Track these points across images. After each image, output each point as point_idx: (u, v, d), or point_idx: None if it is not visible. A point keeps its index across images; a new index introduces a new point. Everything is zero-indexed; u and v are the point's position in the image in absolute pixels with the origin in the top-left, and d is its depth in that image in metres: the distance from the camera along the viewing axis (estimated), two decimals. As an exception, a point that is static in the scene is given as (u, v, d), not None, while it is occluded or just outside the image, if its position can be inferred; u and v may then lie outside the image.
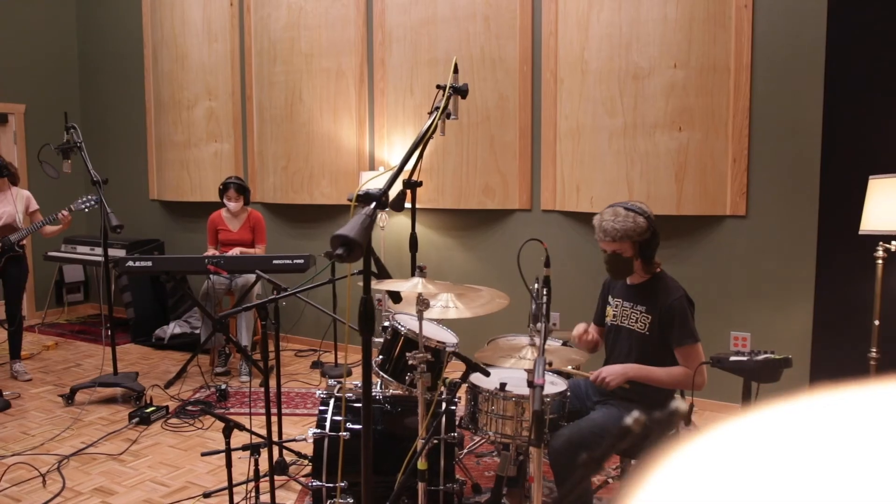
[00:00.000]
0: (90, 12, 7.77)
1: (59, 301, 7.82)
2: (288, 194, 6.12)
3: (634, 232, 2.78)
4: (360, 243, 1.79)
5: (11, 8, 7.34)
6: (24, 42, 7.46)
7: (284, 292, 3.39)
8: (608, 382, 2.74)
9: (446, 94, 2.48)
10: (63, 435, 4.36)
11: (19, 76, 7.44)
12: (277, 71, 6.09)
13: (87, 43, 7.85)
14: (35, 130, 7.57)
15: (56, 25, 7.75)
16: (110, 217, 4.66)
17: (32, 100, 7.56)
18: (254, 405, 4.86)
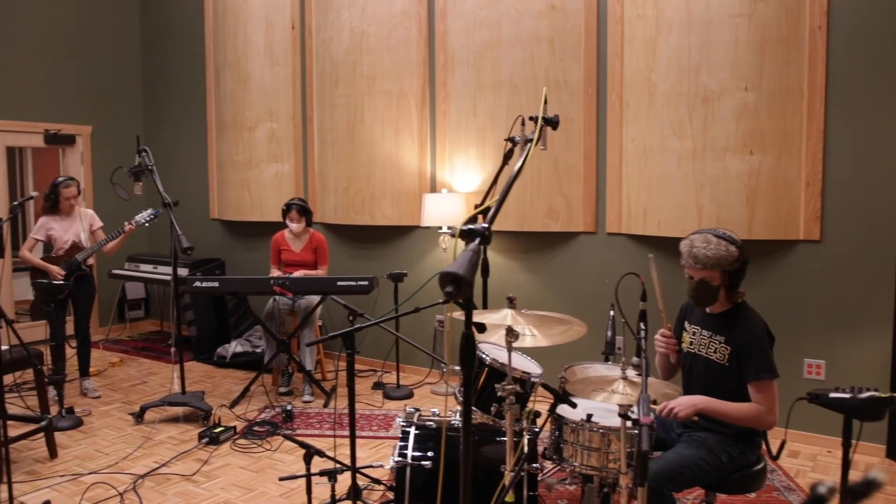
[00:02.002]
0: (154, 36, 7.96)
1: (122, 317, 7.98)
2: (349, 215, 6.17)
3: (726, 261, 2.74)
4: (469, 281, 1.78)
5: (78, 32, 7.55)
6: (90, 65, 7.66)
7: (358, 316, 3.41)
8: (676, 413, 2.68)
9: (538, 125, 2.47)
10: (135, 454, 4.43)
11: (86, 98, 7.64)
12: (339, 93, 6.16)
13: (151, 65, 8.04)
14: (101, 151, 7.76)
15: (121, 49, 7.94)
16: (181, 239, 4.74)
17: (98, 121, 7.75)
18: (319, 426, 4.88)
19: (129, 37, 8.02)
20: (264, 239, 6.98)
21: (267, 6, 6.68)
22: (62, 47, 7.44)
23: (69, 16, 7.47)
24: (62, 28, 7.42)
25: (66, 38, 7.46)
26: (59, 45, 7.41)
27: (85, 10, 7.60)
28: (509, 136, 3.57)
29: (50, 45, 7.34)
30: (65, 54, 7.46)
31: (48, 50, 7.33)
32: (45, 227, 5.41)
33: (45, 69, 7.31)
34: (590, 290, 5.21)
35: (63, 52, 7.45)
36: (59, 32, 7.40)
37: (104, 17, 7.77)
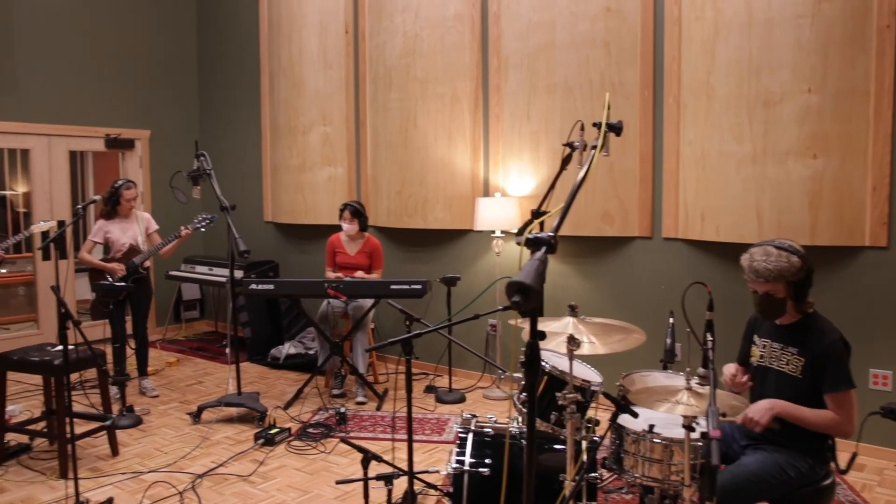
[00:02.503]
0: (211, 43, 8.11)
1: (177, 318, 8.14)
2: (402, 219, 6.19)
3: (788, 272, 2.68)
4: (537, 291, 1.77)
5: (138, 40, 7.73)
6: (150, 72, 7.84)
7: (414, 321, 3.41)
8: (756, 421, 2.63)
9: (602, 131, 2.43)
10: (193, 453, 4.51)
11: (145, 104, 7.82)
12: (392, 97, 6.19)
13: (207, 72, 8.19)
14: (158, 155, 7.94)
15: (179, 56, 8.11)
16: (238, 242, 4.81)
17: (156, 126, 7.93)
18: (372, 429, 4.91)
19: (186, 44, 8.18)
20: (317, 242, 7.05)
21: (321, 12, 6.75)
22: (123, 55, 7.62)
23: (129, 25, 7.65)
24: (123, 36, 7.61)
25: (126, 46, 7.64)
26: (120, 52, 7.60)
27: (144, 19, 7.77)
28: (568, 140, 3.55)
29: (111, 52, 7.53)
30: (125, 61, 7.64)
31: (109, 57, 7.52)
32: (104, 230, 5.54)
33: (106, 76, 7.50)
34: (645, 295, 5.14)
35: (123, 59, 7.63)
36: (119, 41, 7.59)
37: (163, 25, 7.94)
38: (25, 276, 8.36)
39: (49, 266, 7.21)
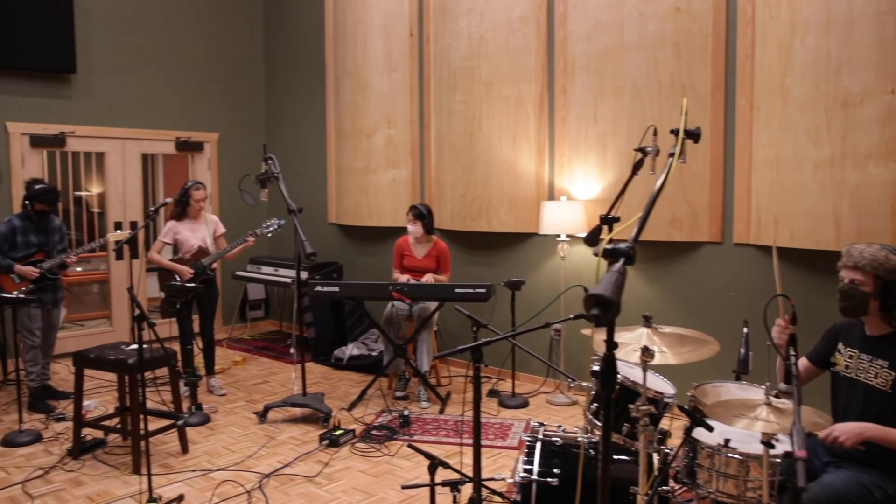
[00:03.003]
0: (277, 47, 8.24)
1: (243, 317, 8.29)
2: (465, 221, 6.18)
3: (882, 266, 2.59)
4: (616, 304, 1.73)
5: (206, 45, 7.90)
6: (218, 76, 8.01)
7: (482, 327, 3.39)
8: (842, 443, 2.53)
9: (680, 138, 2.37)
10: (260, 452, 4.58)
11: (213, 107, 7.99)
12: (457, 100, 6.18)
13: (274, 75, 8.32)
14: (226, 157, 8.10)
15: (246, 60, 8.27)
16: (305, 245, 4.87)
17: (224, 128, 8.09)
18: (436, 433, 4.90)
19: (253, 48, 8.33)
20: (381, 244, 7.10)
21: (386, 15, 6.79)
22: (193, 61, 7.80)
23: (199, 32, 7.83)
24: (193, 43, 7.79)
25: (196, 52, 7.82)
26: (190, 58, 7.78)
27: (213, 26, 7.94)
28: (639, 146, 3.48)
29: (181, 59, 7.71)
30: (195, 67, 7.82)
31: (180, 63, 7.71)
32: (173, 231, 5.67)
33: (177, 81, 7.69)
34: (714, 302, 5.02)
35: (193, 64, 7.81)
36: (189, 47, 7.77)
37: (231, 31, 8.10)
38: (99, 274, 8.63)
39: (121, 265, 7.41)
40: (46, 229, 5.48)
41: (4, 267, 5.26)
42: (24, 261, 5.34)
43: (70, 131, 6.93)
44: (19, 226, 5.35)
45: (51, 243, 5.49)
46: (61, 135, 6.88)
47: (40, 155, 6.87)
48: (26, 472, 4.30)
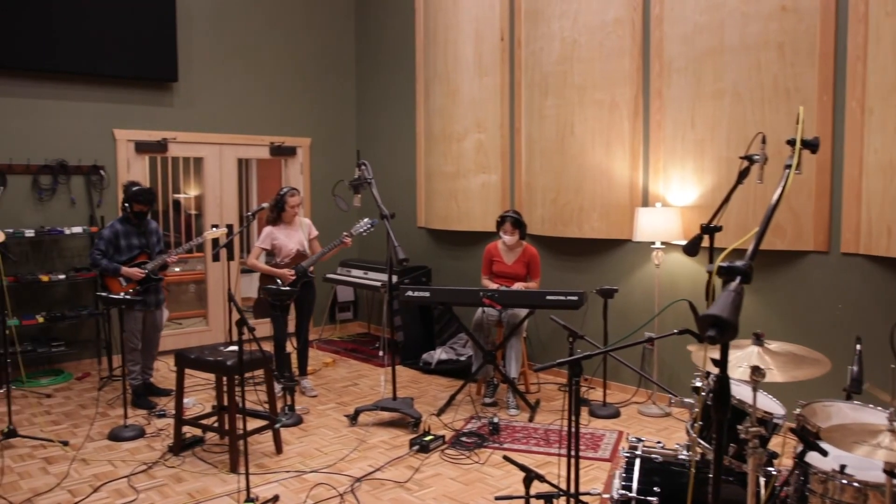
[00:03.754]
0: (368, 53, 8.35)
1: (332, 318, 8.43)
2: (557, 227, 6.11)
3: None
4: (733, 325, 1.65)
5: (299, 52, 8.07)
6: (310, 82, 8.18)
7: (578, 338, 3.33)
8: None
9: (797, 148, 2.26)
10: (351, 455, 4.63)
11: (306, 113, 8.16)
12: (548, 104, 6.11)
13: (365, 81, 8.43)
14: (317, 162, 8.26)
15: (338, 66, 8.41)
16: (397, 250, 4.90)
17: (316, 133, 8.25)
18: (525, 441, 4.85)
19: (345, 55, 8.47)
20: (470, 248, 7.09)
21: (477, 20, 6.78)
22: (286, 67, 7.99)
23: (291, 39, 8.01)
24: (285, 50, 7.98)
25: (289, 59, 8.01)
26: (283, 65, 7.97)
27: (306, 33, 8.12)
28: (746, 153, 3.35)
29: (275, 66, 7.91)
30: (288, 73, 8.01)
31: (274, 70, 7.90)
32: (271, 237, 5.80)
33: (271, 88, 7.89)
34: (819, 314, 4.80)
35: (286, 71, 8.00)
36: (282, 55, 7.96)
37: (323, 38, 8.26)
38: (196, 274, 8.93)
39: (217, 266, 7.65)
40: (146, 232, 5.69)
41: (112, 270, 5.49)
42: (128, 263, 5.55)
43: (171, 137, 7.20)
44: (121, 230, 5.58)
45: (150, 245, 5.71)
46: (163, 141, 7.15)
47: (144, 160, 7.16)
48: (131, 466, 4.47)
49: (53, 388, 6.19)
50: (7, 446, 4.80)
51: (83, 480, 4.26)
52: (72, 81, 6.67)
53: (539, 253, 5.92)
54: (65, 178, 6.66)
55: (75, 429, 5.17)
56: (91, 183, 6.79)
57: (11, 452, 4.70)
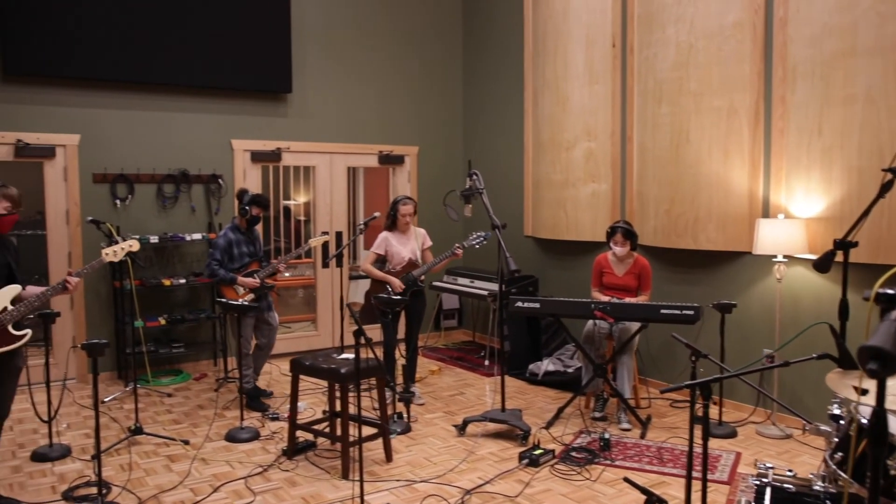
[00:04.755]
0: (475, 62, 8.36)
1: (437, 326, 8.47)
2: (670, 238, 5.93)
3: None
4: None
5: (406, 60, 8.17)
6: (418, 90, 8.26)
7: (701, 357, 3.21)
8: None
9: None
10: (460, 466, 4.61)
11: (414, 121, 8.25)
12: (662, 112, 5.95)
13: (472, 89, 8.45)
14: (424, 170, 8.33)
15: (445, 74, 8.46)
16: (509, 262, 4.86)
17: (424, 142, 8.32)
18: (637, 459, 4.72)
19: (453, 64, 8.51)
20: (578, 258, 6.98)
21: (588, 26, 6.68)
22: (395, 77, 8.11)
23: (399, 49, 8.12)
24: (394, 60, 8.10)
25: (397, 68, 8.12)
26: (392, 75, 8.09)
27: (413, 42, 8.21)
28: (891, 165, 3.15)
29: (384, 76, 8.04)
30: (396, 83, 8.12)
31: (383, 80, 8.03)
32: (385, 242, 5.88)
33: (380, 98, 8.02)
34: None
35: (395, 81, 8.11)
36: (391, 64, 8.08)
37: (431, 47, 8.33)
38: (304, 280, 9.17)
39: (326, 273, 7.82)
40: (253, 239, 5.88)
41: (229, 280, 5.68)
42: (240, 271, 5.74)
43: (285, 147, 7.41)
44: (233, 238, 5.77)
45: (258, 252, 5.90)
46: (277, 150, 7.37)
47: (258, 169, 7.39)
48: (247, 467, 4.60)
49: (173, 388, 6.46)
50: (134, 442, 5.03)
51: (203, 480, 4.41)
52: (194, 95, 6.97)
53: (651, 264, 5.76)
54: (186, 186, 6.96)
55: (195, 428, 5.38)
56: (210, 191, 7.06)
57: (138, 449, 4.93)
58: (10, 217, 3.76)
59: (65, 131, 6.45)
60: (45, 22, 6.17)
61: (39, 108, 6.33)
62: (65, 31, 6.25)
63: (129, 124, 6.71)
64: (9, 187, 3.76)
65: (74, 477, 4.44)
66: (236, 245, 5.76)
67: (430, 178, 8.34)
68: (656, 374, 6.29)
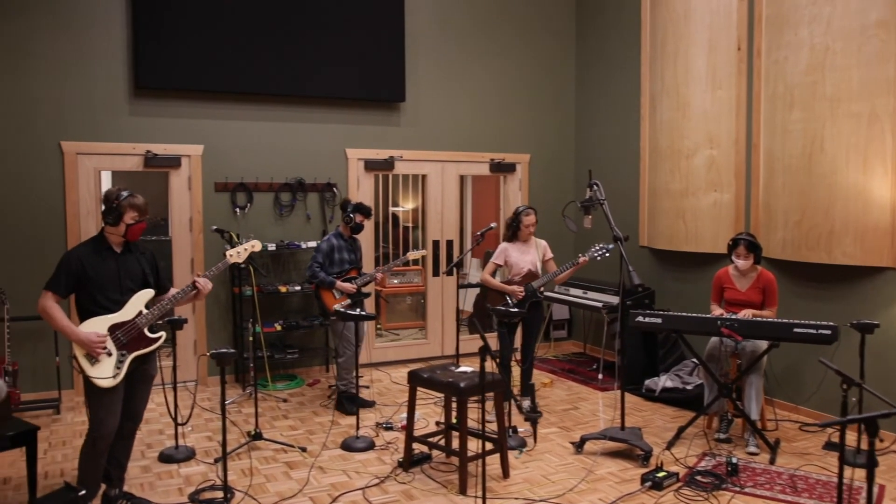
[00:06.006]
0: (588, 66, 8.19)
1: (546, 336, 8.33)
2: (800, 251, 5.60)
3: None
4: None
5: (518, 66, 8.08)
6: (529, 97, 8.16)
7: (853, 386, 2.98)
8: None
9: None
10: (580, 486, 4.47)
11: (526, 129, 8.15)
12: (794, 118, 5.63)
13: (585, 96, 8.28)
14: (535, 178, 8.21)
15: (557, 80, 8.33)
16: (633, 275, 4.72)
17: (535, 150, 8.21)
18: (769, 486, 4.45)
19: (565, 71, 8.37)
20: (697, 270, 6.71)
21: (710, 29, 6.41)
22: (506, 84, 8.04)
23: (511, 55, 8.04)
24: (505, 67, 8.03)
25: (508, 75, 8.05)
26: (503, 82, 8.02)
27: (525, 48, 8.12)
28: None
29: (495, 83, 7.98)
30: (508, 90, 8.05)
31: (494, 88, 7.97)
32: (505, 253, 5.82)
33: (493, 107, 7.97)
34: None
35: (507, 88, 8.04)
36: (502, 71, 8.01)
37: (542, 54, 8.22)
38: (413, 287, 9.19)
39: (437, 281, 7.82)
40: (355, 248, 5.98)
41: (328, 283, 5.81)
42: (339, 277, 5.84)
43: (398, 156, 7.45)
44: (336, 244, 5.91)
45: (359, 261, 5.99)
46: (390, 159, 7.42)
47: (371, 178, 7.46)
48: (364, 478, 4.61)
49: (288, 393, 6.57)
50: (253, 447, 5.13)
51: (322, 489, 4.44)
52: (310, 105, 7.09)
53: (778, 279, 5.46)
54: (302, 195, 7.09)
55: (311, 435, 5.44)
56: (324, 200, 7.17)
57: (258, 454, 5.02)
58: (138, 226, 3.88)
59: (189, 142, 6.68)
60: (174, 39, 6.41)
61: (167, 121, 6.58)
62: (192, 46, 6.47)
63: (248, 134, 6.89)
64: (136, 196, 3.88)
65: (199, 480, 4.56)
66: (338, 251, 5.89)
67: (541, 186, 8.22)
68: (780, 394, 5.97)
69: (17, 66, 6.07)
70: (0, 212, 6.07)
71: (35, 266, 6.06)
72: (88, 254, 3.81)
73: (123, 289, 3.86)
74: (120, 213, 3.81)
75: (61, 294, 3.74)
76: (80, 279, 3.75)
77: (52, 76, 6.18)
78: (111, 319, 3.78)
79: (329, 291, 5.87)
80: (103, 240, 3.88)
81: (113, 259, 3.86)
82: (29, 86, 6.12)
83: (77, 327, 3.72)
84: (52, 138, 6.21)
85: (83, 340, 3.67)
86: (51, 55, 6.17)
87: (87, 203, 6.36)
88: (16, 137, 6.09)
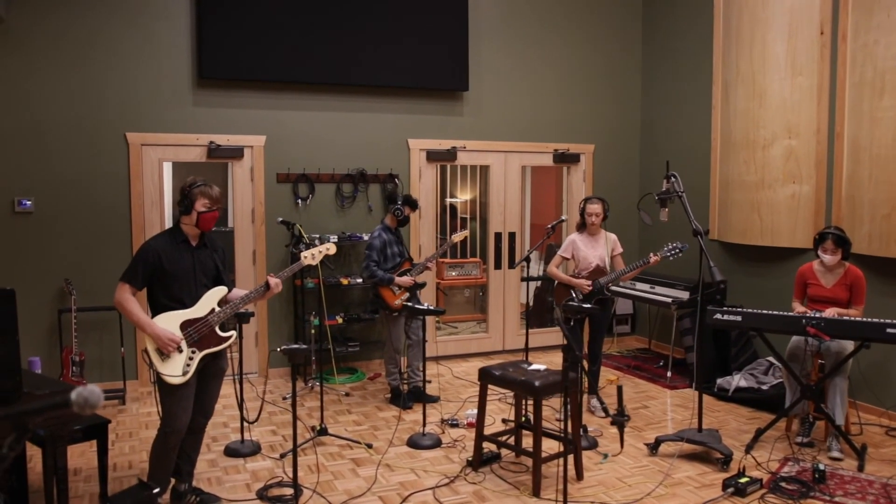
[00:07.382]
0: (656, 56, 7.93)
1: (609, 331, 8.12)
2: (889, 246, 5.32)
3: None
4: None
5: (584, 54, 7.86)
6: (595, 86, 7.93)
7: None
8: None
9: None
10: (658, 491, 4.30)
11: (591, 119, 7.94)
12: (883, 105, 5.33)
13: (652, 85, 8.02)
14: (601, 168, 8.00)
15: (624, 70, 8.09)
16: (714, 271, 4.51)
17: (600, 140, 7.99)
18: (860, 496, 4.21)
19: (631, 60, 8.12)
20: (773, 265, 6.44)
21: (791, 12, 6.11)
22: (570, 73, 7.83)
23: (576, 43, 7.83)
24: (571, 55, 7.82)
25: (574, 64, 7.84)
26: (568, 71, 7.82)
27: (591, 36, 7.90)
28: None
29: (560, 72, 7.78)
30: (573, 80, 7.84)
31: (558, 77, 7.77)
32: (573, 245, 5.64)
33: (557, 96, 7.77)
34: None
35: (571, 77, 7.83)
36: (567, 60, 7.81)
37: (608, 43, 7.99)
38: (470, 279, 9.07)
39: (498, 274, 7.68)
40: (400, 239, 5.91)
41: (387, 280, 5.73)
42: (394, 271, 5.78)
43: (461, 146, 7.31)
44: (387, 238, 5.82)
45: (406, 252, 5.96)
46: (453, 149, 7.28)
47: (434, 168, 7.34)
48: (433, 477, 4.50)
49: (350, 387, 6.51)
50: (319, 443, 5.07)
51: (390, 487, 4.35)
52: (372, 95, 6.99)
53: (865, 276, 5.18)
54: (363, 186, 7.00)
55: (375, 431, 5.36)
56: (386, 191, 7.07)
57: (323, 450, 4.95)
58: (210, 214, 3.81)
59: (252, 133, 6.63)
60: (237, 29, 6.36)
61: (230, 111, 6.55)
62: (254, 37, 6.42)
63: (310, 125, 6.82)
64: (210, 186, 3.82)
65: (266, 476, 4.50)
66: (389, 245, 5.83)
67: (605, 177, 8.00)
68: (868, 396, 5.69)
69: (84, 59, 6.09)
70: (66, 203, 6.11)
71: (100, 257, 6.10)
72: (165, 246, 3.75)
73: (198, 284, 3.80)
74: (192, 200, 3.75)
75: (138, 286, 3.69)
76: (155, 271, 3.70)
77: (118, 68, 6.19)
78: (184, 315, 3.72)
79: (388, 288, 5.77)
80: (179, 232, 3.83)
81: (189, 253, 3.81)
82: (96, 78, 6.13)
83: (152, 321, 3.67)
84: (118, 130, 6.22)
85: (159, 336, 3.62)
86: (118, 48, 6.18)
87: (151, 194, 6.37)
88: (82, 129, 6.12)
